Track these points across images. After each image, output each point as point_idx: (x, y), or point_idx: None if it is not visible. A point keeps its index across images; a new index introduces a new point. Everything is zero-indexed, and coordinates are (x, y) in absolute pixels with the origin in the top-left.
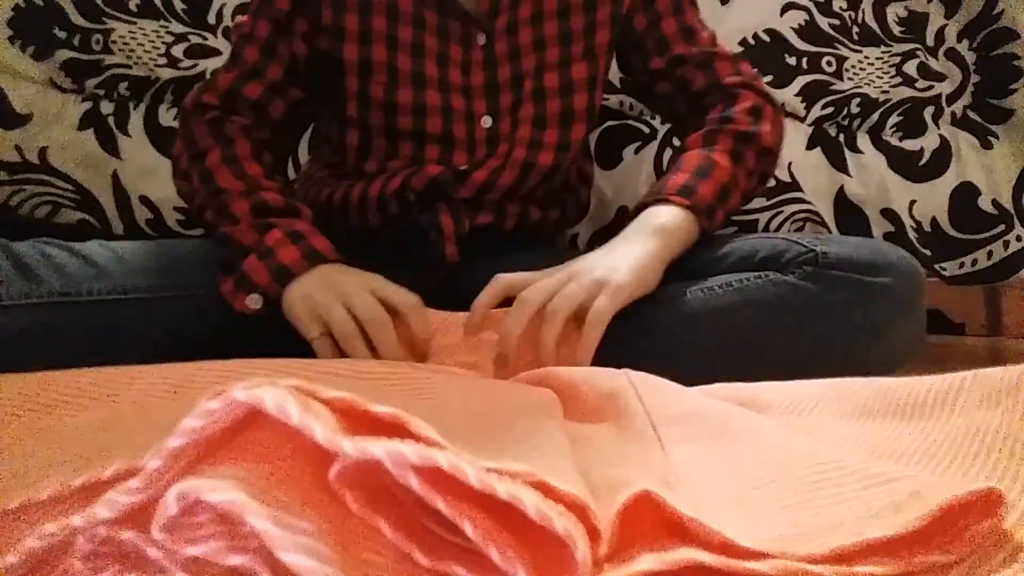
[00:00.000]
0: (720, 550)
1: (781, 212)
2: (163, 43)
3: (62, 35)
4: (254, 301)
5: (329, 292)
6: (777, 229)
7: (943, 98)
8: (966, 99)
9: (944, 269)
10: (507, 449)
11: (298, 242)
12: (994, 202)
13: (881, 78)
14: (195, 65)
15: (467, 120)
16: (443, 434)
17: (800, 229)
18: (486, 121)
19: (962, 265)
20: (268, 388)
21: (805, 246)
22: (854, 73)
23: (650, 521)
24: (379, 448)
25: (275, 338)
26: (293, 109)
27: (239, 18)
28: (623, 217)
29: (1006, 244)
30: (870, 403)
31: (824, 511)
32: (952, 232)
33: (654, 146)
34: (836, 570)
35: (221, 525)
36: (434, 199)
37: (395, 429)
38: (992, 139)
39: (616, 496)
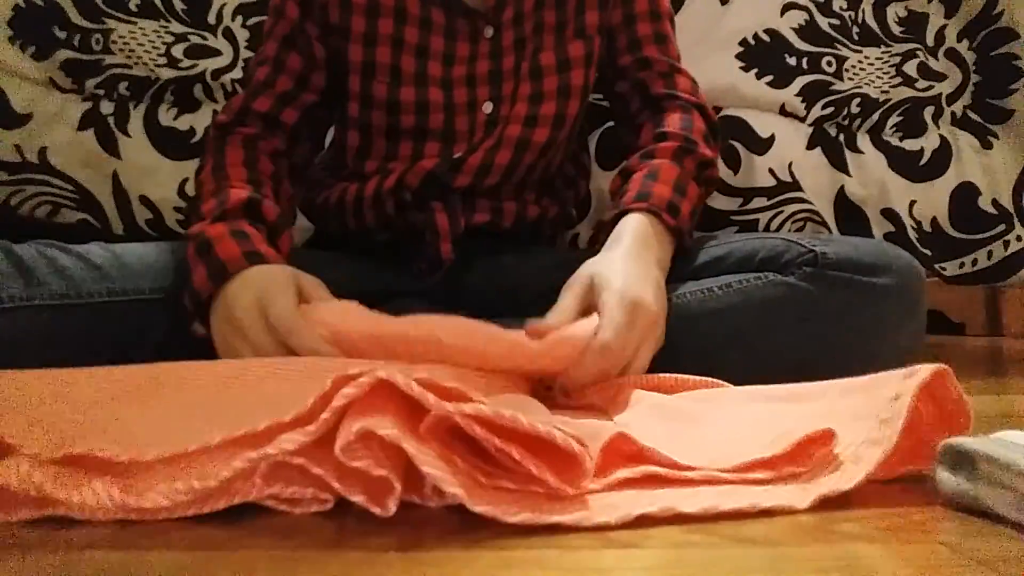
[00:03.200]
0: (667, 466)
1: (781, 212)
2: (163, 43)
3: (62, 35)
4: (200, 330)
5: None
6: (778, 229)
7: (943, 98)
8: (966, 99)
9: (944, 269)
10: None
11: (240, 240)
12: (994, 202)
13: (881, 78)
14: (195, 65)
15: (469, 110)
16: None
17: (800, 229)
18: (487, 107)
19: (962, 265)
20: (395, 370)
21: (805, 246)
22: (854, 73)
23: (620, 453)
24: (469, 407)
25: None
26: (307, 114)
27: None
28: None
29: (1006, 244)
30: (771, 393)
31: (732, 446)
32: (952, 232)
33: None
34: (736, 475)
35: (370, 451)
36: (430, 197)
37: (459, 397)
38: (992, 139)
39: (594, 440)
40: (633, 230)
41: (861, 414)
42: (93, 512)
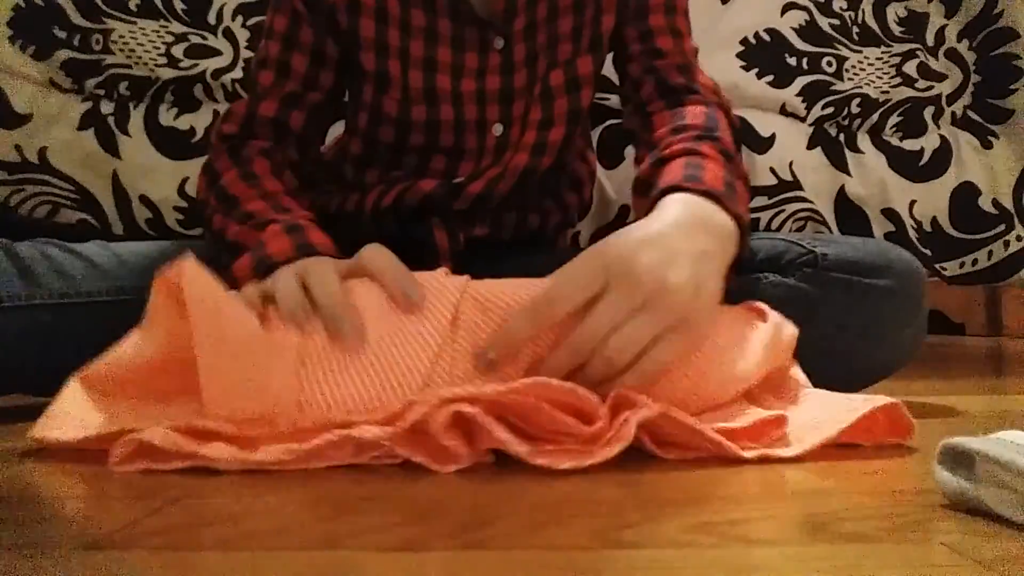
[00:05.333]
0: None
1: (782, 211)
2: (163, 43)
3: (62, 35)
4: None
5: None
6: (778, 228)
7: (943, 98)
8: (966, 99)
9: (944, 269)
10: None
11: (293, 233)
12: (994, 202)
13: (881, 78)
14: (195, 65)
15: (478, 129)
16: None
17: (801, 228)
18: (497, 129)
19: (962, 265)
20: (453, 388)
21: (805, 247)
22: (854, 73)
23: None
24: (517, 384)
25: None
26: (313, 114)
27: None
28: (625, 216)
29: (1006, 244)
30: None
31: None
32: (952, 232)
33: None
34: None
35: (455, 432)
36: (429, 213)
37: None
38: (992, 139)
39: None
40: (667, 204)
41: (816, 413)
42: (226, 463)
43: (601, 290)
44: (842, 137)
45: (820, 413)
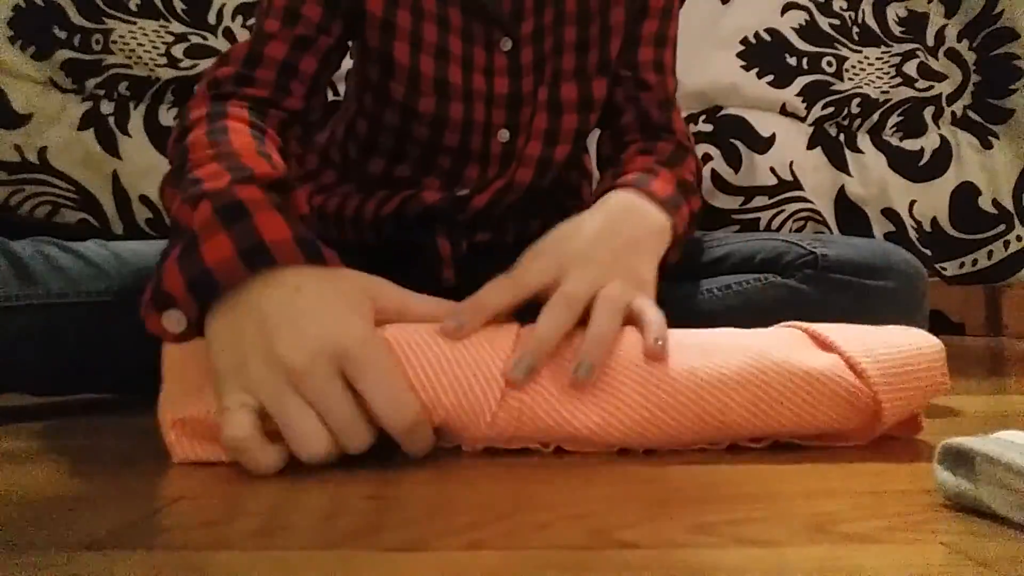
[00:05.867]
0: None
1: (783, 211)
2: (163, 43)
3: (62, 35)
4: (174, 321)
5: (272, 364)
6: (779, 228)
7: (943, 98)
8: (966, 99)
9: (944, 269)
10: None
11: (235, 226)
12: (994, 202)
13: (881, 78)
14: (195, 65)
15: (485, 132)
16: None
17: (801, 228)
18: (503, 135)
19: (962, 265)
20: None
21: (805, 248)
22: (854, 73)
23: None
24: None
25: None
26: (324, 59)
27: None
28: None
29: (1006, 244)
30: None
31: None
32: (952, 232)
33: None
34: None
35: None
36: (432, 221)
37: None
38: (992, 139)
39: None
40: (606, 197)
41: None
42: None
43: (560, 276)
44: (842, 137)
45: None
